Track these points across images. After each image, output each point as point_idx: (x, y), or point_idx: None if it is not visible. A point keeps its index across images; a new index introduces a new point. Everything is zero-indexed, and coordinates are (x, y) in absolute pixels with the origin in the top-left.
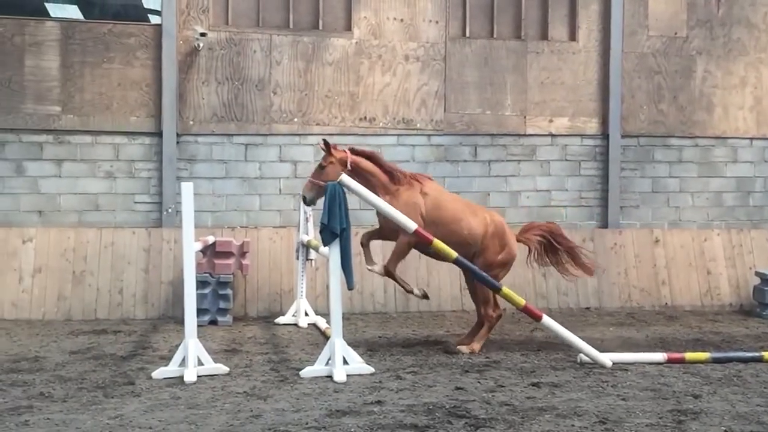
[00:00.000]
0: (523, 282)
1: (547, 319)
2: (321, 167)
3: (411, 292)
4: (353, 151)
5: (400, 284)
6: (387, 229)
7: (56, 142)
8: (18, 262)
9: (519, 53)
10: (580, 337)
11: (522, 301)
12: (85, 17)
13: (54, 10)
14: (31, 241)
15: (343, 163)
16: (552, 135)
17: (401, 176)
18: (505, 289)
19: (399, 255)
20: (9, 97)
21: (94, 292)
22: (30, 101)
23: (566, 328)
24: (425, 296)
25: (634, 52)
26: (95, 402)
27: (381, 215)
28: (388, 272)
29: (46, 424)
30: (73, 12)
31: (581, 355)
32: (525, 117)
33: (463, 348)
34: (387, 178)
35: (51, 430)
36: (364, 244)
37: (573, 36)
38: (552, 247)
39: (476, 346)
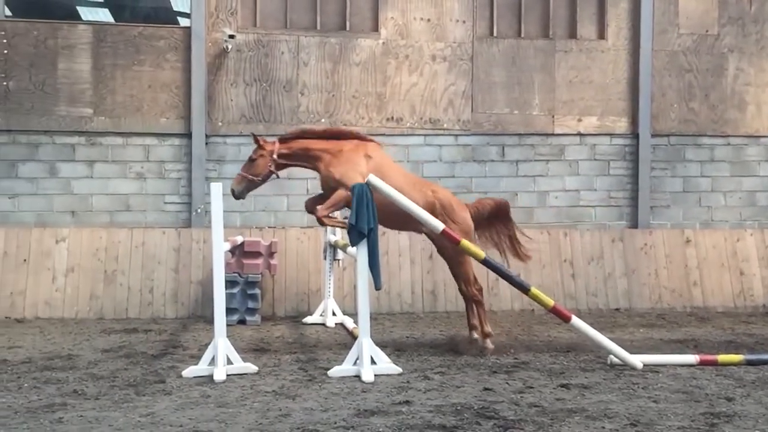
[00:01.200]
0: (551, 283)
1: (576, 320)
2: (251, 160)
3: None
4: (282, 139)
5: (332, 225)
6: (330, 193)
7: (88, 144)
8: (51, 262)
9: (547, 52)
10: (609, 339)
11: (551, 302)
12: (115, 20)
13: (86, 13)
14: (64, 241)
15: (271, 154)
16: (581, 134)
17: (345, 135)
18: (534, 290)
19: (334, 204)
20: (43, 100)
21: (126, 291)
22: (63, 103)
23: (595, 329)
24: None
25: (664, 50)
26: (127, 400)
27: (323, 179)
28: (320, 219)
29: (80, 421)
30: (105, 15)
31: (611, 356)
32: (553, 116)
33: (487, 342)
34: (326, 143)
35: (84, 427)
36: (310, 211)
37: (602, 34)
38: (498, 223)
39: (489, 328)
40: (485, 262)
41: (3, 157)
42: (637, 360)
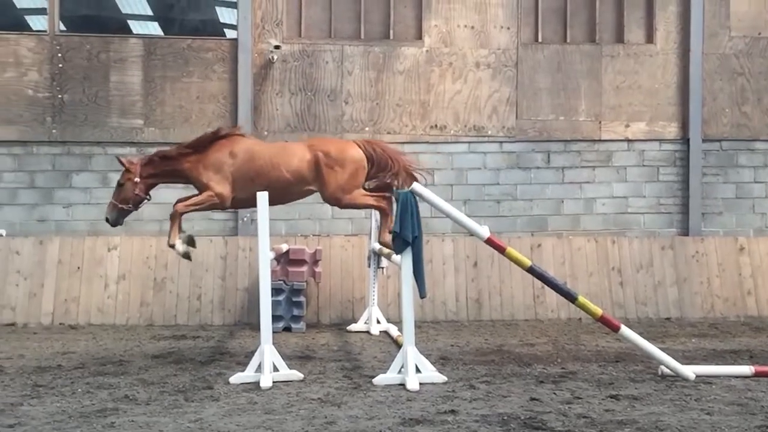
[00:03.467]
0: (598, 291)
1: (625, 330)
2: (119, 185)
3: (172, 246)
4: (144, 160)
5: (170, 231)
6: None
7: (139, 154)
8: (104, 270)
9: (593, 57)
10: (660, 349)
11: (599, 311)
12: (165, 33)
13: (136, 27)
14: (115, 249)
15: (133, 185)
16: (629, 140)
17: (205, 139)
18: (581, 299)
19: (197, 204)
20: (96, 112)
21: (174, 298)
22: (115, 115)
23: (645, 339)
24: (187, 256)
25: (715, 53)
26: (176, 405)
27: (196, 187)
28: (173, 213)
29: (131, 426)
30: (154, 28)
31: (662, 367)
32: (600, 122)
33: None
34: (190, 151)
35: None
36: (175, 218)
37: (650, 38)
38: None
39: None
40: (531, 270)
41: (58, 168)
42: (689, 371)
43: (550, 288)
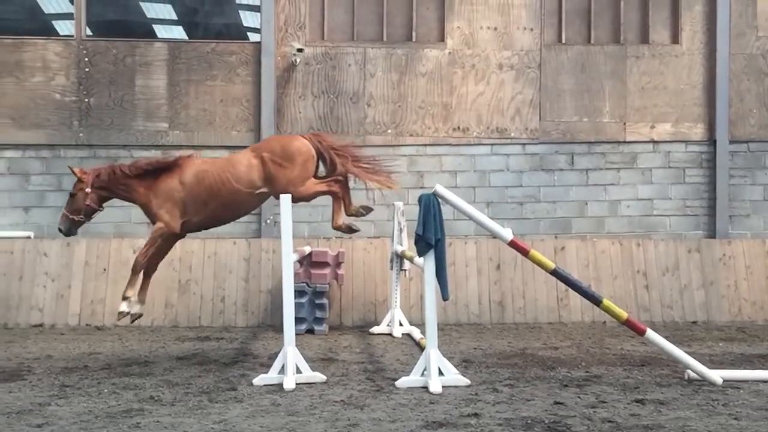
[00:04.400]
0: (623, 294)
1: (651, 333)
2: (71, 196)
3: (125, 299)
4: (97, 171)
5: (128, 282)
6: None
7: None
8: (129, 271)
9: (618, 58)
10: (686, 352)
11: (624, 314)
12: (189, 37)
13: (161, 31)
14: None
15: (84, 195)
16: (654, 141)
17: (157, 165)
18: (606, 302)
19: (151, 244)
20: (122, 115)
21: (198, 300)
22: (140, 118)
23: (672, 342)
24: (133, 317)
25: (742, 53)
26: (201, 406)
27: (145, 213)
28: (134, 265)
29: (156, 426)
30: (179, 33)
31: (689, 371)
32: (624, 124)
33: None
34: (142, 173)
35: None
36: (135, 269)
37: (676, 39)
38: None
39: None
40: (555, 273)
41: None
42: (717, 375)
43: (575, 291)
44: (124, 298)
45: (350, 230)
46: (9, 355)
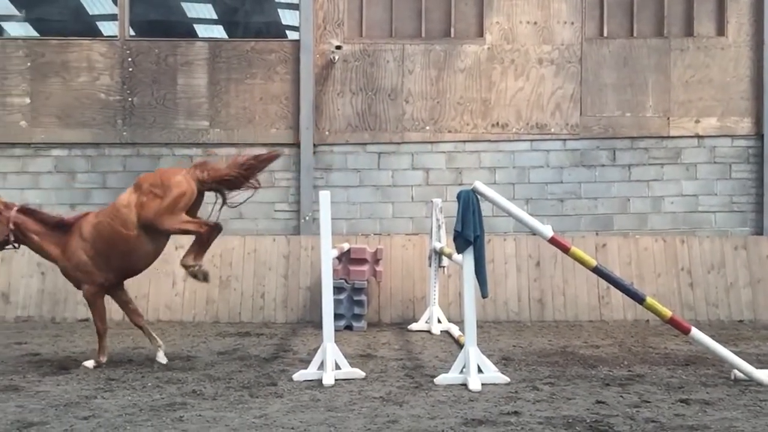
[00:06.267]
0: (667, 292)
1: (695, 332)
2: None
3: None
4: (21, 209)
5: (98, 349)
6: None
7: (205, 155)
8: (172, 268)
9: (661, 51)
10: (733, 352)
11: (668, 313)
12: (229, 36)
13: (202, 30)
14: (183, 248)
15: (8, 221)
16: (699, 136)
17: (64, 225)
18: (649, 300)
19: (95, 311)
20: (164, 114)
21: (239, 296)
22: (182, 117)
23: (717, 341)
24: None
25: None
26: (241, 401)
27: (65, 273)
28: (98, 332)
29: (198, 420)
30: (219, 32)
31: (735, 371)
32: (668, 118)
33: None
34: (54, 231)
35: (203, 426)
36: (102, 335)
37: (721, 31)
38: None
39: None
40: (596, 270)
41: (128, 169)
42: (764, 375)
43: (617, 288)
44: (97, 365)
45: (198, 275)
46: (57, 349)
